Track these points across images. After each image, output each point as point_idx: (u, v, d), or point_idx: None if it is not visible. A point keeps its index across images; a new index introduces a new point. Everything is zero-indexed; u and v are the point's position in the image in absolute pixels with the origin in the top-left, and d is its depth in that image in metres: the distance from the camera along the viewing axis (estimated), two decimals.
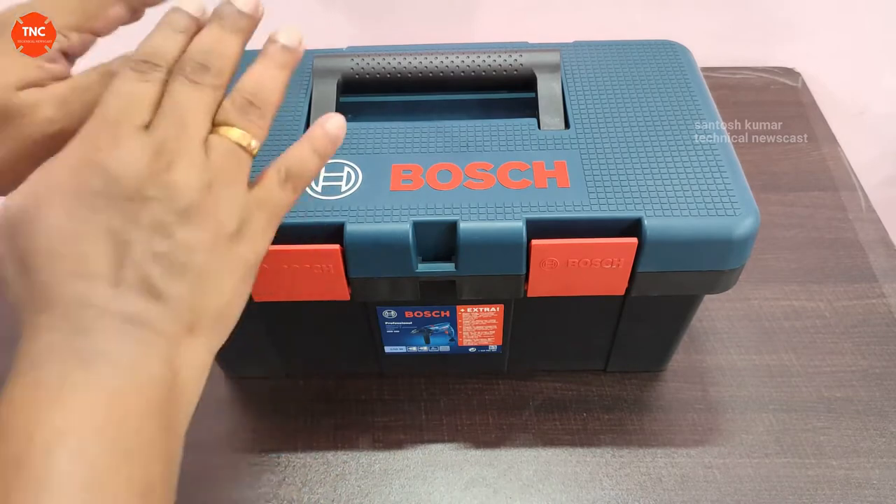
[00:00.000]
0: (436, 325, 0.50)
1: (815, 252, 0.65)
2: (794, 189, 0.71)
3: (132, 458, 0.22)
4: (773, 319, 0.60)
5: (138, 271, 0.24)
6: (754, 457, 0.51)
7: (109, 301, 0.23)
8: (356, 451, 0.52)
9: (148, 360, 0.23)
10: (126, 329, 0.23)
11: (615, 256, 0.42)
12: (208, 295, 0.25)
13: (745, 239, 0.41)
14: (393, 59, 0.49)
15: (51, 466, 0.20)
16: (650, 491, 0.50)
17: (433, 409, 0.55)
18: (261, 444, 0.53)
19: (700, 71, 0.52)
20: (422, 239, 0.42)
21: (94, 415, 0.21)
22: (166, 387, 0.24)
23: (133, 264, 0.24)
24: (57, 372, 0.22)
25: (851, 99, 0.88)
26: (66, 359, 0.22)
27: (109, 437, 0.21)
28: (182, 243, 0.25)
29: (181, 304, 0.25)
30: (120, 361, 0.23)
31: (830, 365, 0.56)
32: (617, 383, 0.56)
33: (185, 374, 0.25)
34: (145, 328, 0.24)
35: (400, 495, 0.50)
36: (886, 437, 0.52)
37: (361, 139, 0.47)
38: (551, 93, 0.49)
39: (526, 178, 0.43)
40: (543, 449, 0.52)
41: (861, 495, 0.49)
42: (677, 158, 0.45)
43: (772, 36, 0.83)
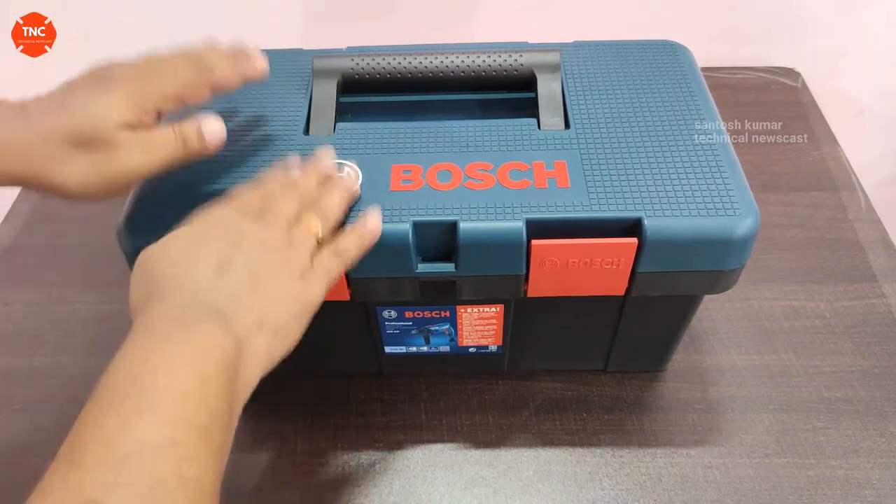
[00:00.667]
0: (436, 325, 0.50)
1: (815, 252, 0.65)
2: (794, 189, 0.71)
3: (207, 386, 0.30)
4: (773, 319, 0.60)
5: (231, 280, 0.34)
6: (754, 457, 0.51)
7: (209, 294, 0.33)
8: (356, 451, 0.52)
9: (225, 334, 0.32)
10: (214, 314, 0.32)
11: (615, 256, 0.42)
12: (274, 311, 0.35)
13: (745, 239, 0.41)
14: (393, 59, 0.49)
15: (154, 380, 0.29)
16: (650, 491, 0.50)
17: (433, 409, 0.55)
18: (261, 444, 0.53)
19: (700, 71, 0.52)
20: (422, 239, 0.42)
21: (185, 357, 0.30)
22: (234, 357, 0.32)
23: (229, 275, 0.34)
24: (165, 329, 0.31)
25: (851, 99, 0.88)
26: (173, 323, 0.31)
27: (193, 371, 0.30)
28: (265, 267, 0.35)
29: (254, 306, 0.34)
30: (206, 332, 0.31)
31: (830, 365, 0.56)
32: (617, 383, 0.56)
33: (247, 358, 0.33)
34: (227, 317, 0.33)
35: (400, 495, 0.50)
36: (886, 437, 0.52)
37: (361, 139, 0.47)
38: (551, 93, 0.49)
39: (526, 179, 0.43)
40: (543, 449, 0.52)
41: (861, 495, 0.49)
42: (677, 158, 0.45)
43: (772, 36, 0.83)
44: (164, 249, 0.35)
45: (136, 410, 0.28)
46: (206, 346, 0.31)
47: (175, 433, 0.28)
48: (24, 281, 0.65)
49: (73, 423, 0.28)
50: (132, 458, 0.27)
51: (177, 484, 0.27)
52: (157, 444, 0.28)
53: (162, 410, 0.28)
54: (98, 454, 0.27)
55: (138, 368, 0.29)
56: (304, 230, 0.38)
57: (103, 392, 0.29)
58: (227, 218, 0.36)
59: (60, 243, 0.69)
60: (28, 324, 0.62)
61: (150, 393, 0.29)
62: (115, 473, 0.26)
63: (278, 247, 0.36)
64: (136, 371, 0.29)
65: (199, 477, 0.28)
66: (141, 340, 0.31)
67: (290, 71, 0.53)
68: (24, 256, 0.68)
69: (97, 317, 0.62)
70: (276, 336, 0.35)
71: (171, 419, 0.28)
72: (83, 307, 0.63)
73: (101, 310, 0.63)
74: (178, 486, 0.27)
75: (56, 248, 0.69)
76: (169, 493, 0.27)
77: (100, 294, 0.64)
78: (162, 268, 0.34)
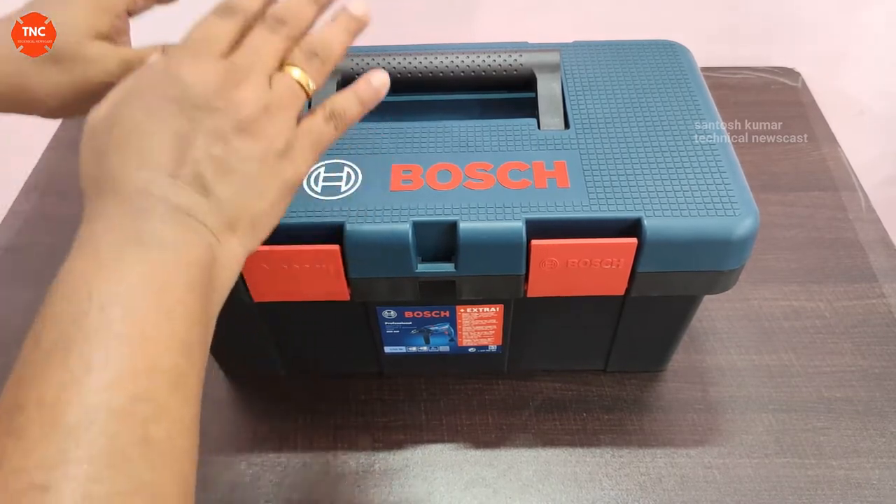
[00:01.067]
0: (436, 325, 0.50)
1: (815, 252, 0.65)
2: (794, 189, 0.71)
3: (174, 318, 0.25)
4: (773, 319, 0.60)
5: (194, 168, 0.28)
6: (754, 457, 0.51)
7: (166, 191, 0.27)
8: (356, 451, 0.52)
9: (192, 244, 0.27)
10: (177, 217, 0.27)
11: (615, 256, 0.42)
12: (250, 200, 0.29)
13: (745, 239, 0.41)
14: (393, 59, 0.49)
15: (104, 321, 0.24)
16: (650, 491, 0.50)
17: (433, 409, 0.55)
18: (261, 444, 0.53)
19: (700, 71, 0.52)
20: (422, 239, 0.42)
21: (144, 282, 0.25)
22: (206, 268, 0.27)
23: (191, 162, 0.28)
24: (114, 246, 0.26)
25: (851, 99, 0.88)
26: (123, 236, 0.26)
27: (155, 301, 0.25)
28: (236, 150, 0.29)
29: (226, 202, 0.28)
30: (168, 242, 0.26)
31: (830, 365, 0.56)
32: (617, 383, 0.56)
33: (222, 262, 0.28)
34: (193, 218, 0.27)
35: (400, 495, 0.50)
36: (886, 437, 0.52)
37: (361, 139, 0.47)
38: (551, 93, 0.49)
39: (526, 179, 0.43)
40: (543, 449, 0.52)
41: (861, 495, 0.49)
42: (677, 158, 0.45)
43: (772, 36, 0.83)
44: (112, 120, 0.29)
45: (84, 363, 0.23)
46: (170, 265, 0.26)
47: (136, 387, 0.23)
48: (25, 281, 0.65)
49: None
50: (83, 425, 0.22)
51: (141, 452, 0.23)
52: (114, 405, 0.23)
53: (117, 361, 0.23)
54: (41, 422, 0.22)
55: (83, 305, 0.24)
56: (288, 83, 0.31)
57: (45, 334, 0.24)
58: (189, 79, 0.29)
59: (60, 243, 0.69)
60: (28, 324, 0.62)
61: (99, 339, 0.23)
62: (63, 447, 0.22)
63: (253, 118, 0.29)
64: (79, 309, 0.24)
65: (169, 436, 0.24)
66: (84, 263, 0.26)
67: None
68: (24, 256, 0.68)
69: None
70: (253, 230, 0.30)
71: (129, 371, 0.23)
72: None
73: None
74: (144, 454, 0.23)
75: (56, 248, 0.68)
76: (133, 466, 0.22)
77: None
78: (108, 142, 0.28)
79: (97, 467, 0.22)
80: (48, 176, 0.76)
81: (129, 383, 0.23)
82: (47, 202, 0.73)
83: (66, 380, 0.23)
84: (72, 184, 0.76)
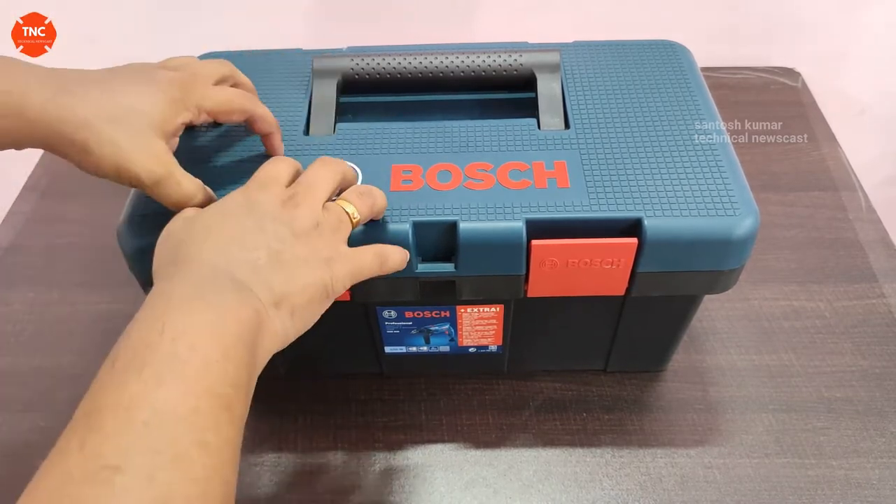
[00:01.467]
0: (436, 325, 0.50)
1: (815, 252, 0.65)
2: (794, 189, 0.71)
3: (227, 358, 0.30)
4: (773, 319, 0.60)
5: (256, 256, 0.34)
6: (754, 457, 0.51)
7: (231, 268, 0.33)
8: (356, 451, 0.52)
9: (244, 306, 0.32)
10: (236, 285, 0.33)
11: (615, 256, 0.42)
12: (294, 290, 0.34)
13: (745, 239, 0.41)
14: (393, 59, 0.49)
15: (173, 350, 0.29)
16: (650, 491, 0.50)
17: (433, 409, 0.55)
18: (261, 444, 0.53)
19: (700, 71, 0.52)
20: (422, 239, 0.42)
21: (207, 325, 0.30)
22: (254, 328, 0.32)
23: (251, 251, 0.34)
24: (183, 298, 0.31)
25: (851, 99, 0.88)
26: (192, 291, 0.31)
27: (214, 341, 0.30)
28: (289, 249, 0.35)
29: (275, 284, 0.34)
30: (227, 300, 0.32)
31: (830, 365, 0.56)
32: (617, 383, 0.56)
33: (265, 329, 0.33)
34: (246, 289, 0.33)
35: (400, 495, 0.50)
36: (886, 437, 0.52)
37: (361, 139, 0.47)
38: (551, 93, 0.49)
39: (526, 179, 0.43)
40: (543, 449, 0.52)
41: (861, 495, 0.49)
42: (677, 158, 0.45)
43: (772, 36, 0.83)
44: (190, 221, 0.35)
45: (156, 378, 0.28)
46: (227, 317, 0.31)
47: (197, 402, 0.28)
48: (25, 281, 0.65)
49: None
50: (153, 425, 0.26)
51: (199, 453, 0.27)
52: (179, 412, 0.27)
53: (183, 379, 0.28)
54: (118, 419, 0.26)
55: (155, 337, 0.29)
56: (339, 211, 0.38)
57: (121, 357, 0.28)
58: (255, 196, 0.36)
59: (60, 243, 0.69)
60: (28, 324, 0.62)
61: (170, 361, 0.28)
62: (135, 440, 0.26)
63: (307, 229, 0.36)
64: (153, 339, 0.29)
65: (220, 447, 0.28)
66: (158, 308, 0.31)
67: (290, 71, 0.53)
68: (24, 256, 0.68)
69: (98, 317, 0.62)
70: (293, 316, 0.35)
71: (192, 389, 0.28)
72: (83, 307, 0.63)
73: (102, 310, 0.63)
74: (200, 455, 0.27)
75: (56, 248, 0.69)
76: (191, 462, 0.27)
77: (100, 294, 0.64)
78: (186, 237, 0.35)
79: (163, 458, 0.26)
80: (48, 176, 0.76)
81: (192, 398, 0.28)
82: (47, 202, 0.73)
83: (139, 389, 0.27)
84: (72, 184, 0.76)
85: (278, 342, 0.34)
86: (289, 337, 0.35)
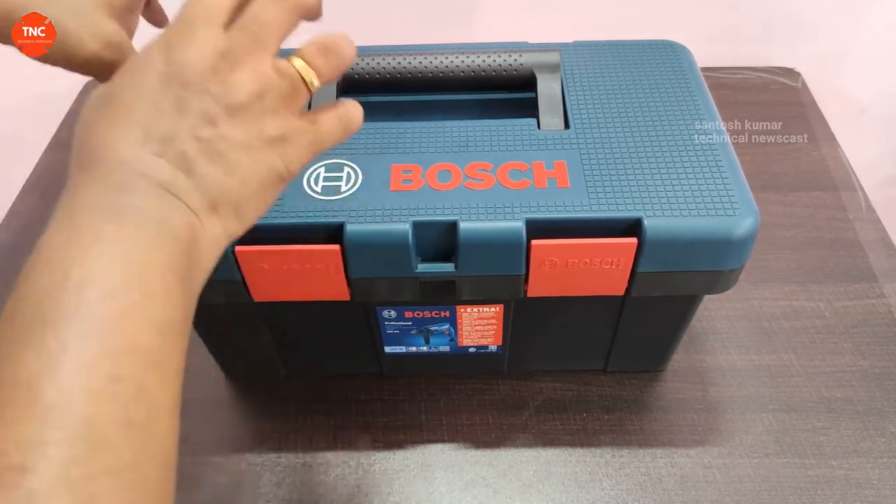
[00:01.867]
0: (436, 325, 0.50)
1: (815, 252, 0.65)
2: (794, 189, 0.71)
3: (153, 298, 0.25)
4: (773, 319, 0.60)
5: (179, 147, 0.27)
6: (754, 457, 0.51)
7: (148, 166, 0.27)
8: (356, 451, 0.52)
9: (172, 222, 0.26)
10: (158, 193, 0.26)
11: (615, 256, 0.42)
12: (233, 185, 0.28)
13: (745, 239, 0.41)
14: (393, 59, 0.49)
15: (81, 300, 0.23)
16: (650, 491, 0.50)
17: (433, 409, 0.55)
18: (261, 444, 0.53)
19: (700, 71, 0.52)
20: (422, 239, 0.42)
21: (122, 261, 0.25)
22: (186, 247, 0.27)
23: (176, 140, 0.27)
24: (93, 223, 0.25)
25: (851, 99, 0.88)
26: (103, 211, 0.25)
27: (134, 280, 0.24)
28: (223, 134, 0.28)
29: (208, 184, 0.28)
30: (149, 218, 0.26)
31: (830, 365, 0.56)
32: (617, 383, 0.56)
33: (203, 242, 0.28)
34: (174, 195, 0.27)
35: (400, 495, 0.50)
36: (886, 437, 0.52)
37: (361, 139, 0.47)
38: (551, 93, 0.49)
39: (526, 179, 0.43)
40: (543, 449, 0.52)
41: (861, 495, 0.49)
42: (677, 158, 0.45)
43: (772, 36, 0.83)
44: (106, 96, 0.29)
45: (59, 345, 0.22)
46: (150, 243, 0.25)
47: (113, 367, 0.23)
48: None
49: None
50: (60, 408, 0.21)
51: (123, 434, 0.22)
52: (91, 386, 0.22)
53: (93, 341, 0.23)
54: (16, 402, 0.21)
55: (59, 283, 0.23)
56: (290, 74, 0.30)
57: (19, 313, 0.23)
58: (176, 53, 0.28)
59: None
60: None
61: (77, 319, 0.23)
62: (39, 429, 0.21)
63: (243, 102, 0.28)
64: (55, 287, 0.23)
65: (149, 417, 0.24)
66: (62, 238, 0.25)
67: None
68: (24, 256, 0.68)
69: None
70: (238, 213, 0.29)
71: (106, 351, 0.23)
72: None
73: None
74: (125, 435, 0.23)
75: None
76: (113, 448, 0.22)
77: None
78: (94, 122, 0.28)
79: (76, 449, 0.21)
80: (48, 176, 0.76)
81: (107, 364, 0.23)
82: (47, 202, 0.73)
83: (42, 360, 0.22)
84: None
85: (221, 247, 0.29)
86: (235, 236, 0.30)
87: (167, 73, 0.28)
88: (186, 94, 0.28)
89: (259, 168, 0.29)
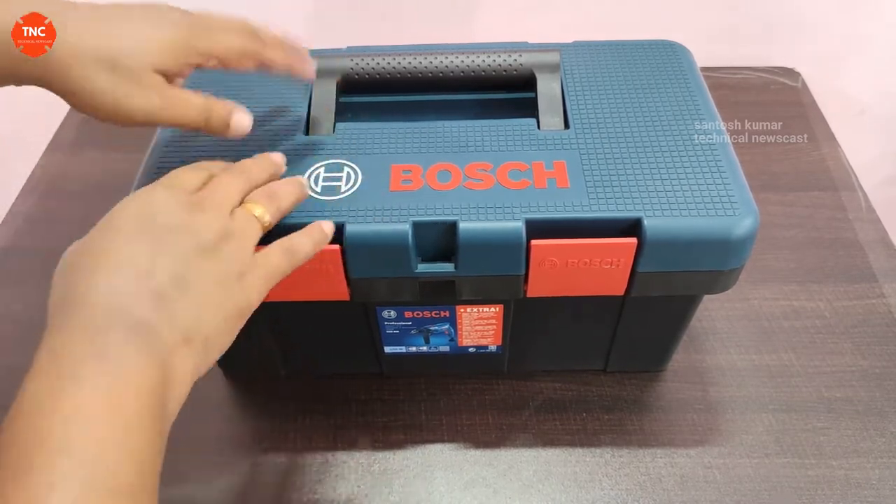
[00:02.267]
0: (435, 325, 0.50)
1: (815, 252, 0.65)
2: (794, 189, 0.71)
3: (131, 434, 0.27)
4: (773, 319, 0.60)
5: (157, 283, 0.30)
6: (754, 457, 0.51)
7: (128, 303, 0.29)
8: (356, 451, 0.52)
9: (148, 359, 0.29)
10: (137, 331, 0.29)
11: (615, 256, 0.42)
12: (205, 316, 0.31)
13: (745, 239, 0.41)
14: (393, 59, 0.49)
15: (68, 435, 0.25)
16: (650, 491, 0.50)
17: (433, 409, 0.55)
18: (261, 444, 0.53)
19: (700, 71, 0.52)
20: (421, 239, 0.42)
21: (103, 399, 0.27)
22: (160, 389, 0.29)
23: (154, 277, 0.30)
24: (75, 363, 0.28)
25: (851, 99, 0.88)
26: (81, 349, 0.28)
27: (113, 417, 0.27)
28: (195, 270, 0.32)
29: (183, 317, 0.31)
30: (125, 357, 0.28)
31: (830, 365, 0.56)
32: (617, 383, 0.56)
33: (174, 379, 0.30)
34: (151, 332, 0.29)
35: (400, 495, 0.50)
36: (886, 437, 0.52)
37: (361, 139, 0.47)
38: (551, 93, 0.49)
39: (525, 179, 0.43)
40: (543, 449, 0.52)
41: (861, 495, 0.49)
42: (677, 158, 0.45)
43: (772, 36, 0.83)
44: (85, 248, 0.32)
45: (46, 484, 0.24)
46: (127, 381, 0.28)
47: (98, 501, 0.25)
48: (25, 281, 0.65)
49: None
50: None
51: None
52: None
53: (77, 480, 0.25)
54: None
55: (46, 420, 0.26)
56: (247, 216, 0.35)
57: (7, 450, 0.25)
58: (158, 206, 0.33)
59: (60, 244, 0.69)
60: (28, 324, 0.62)
61: (61, 455, 0.25)
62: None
63: (213, 242, 0.32)
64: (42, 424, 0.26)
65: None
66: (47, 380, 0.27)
67: None
68: (24, 257, 0.68)
69: None
70: (206, 348, 0.32)
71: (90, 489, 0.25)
72: None
73: None
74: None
75: (56, 249, 0.68)
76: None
77: None
78: (76, 266, 0.31)
79: None
80: (48, 176, 0.76)
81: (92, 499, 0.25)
82: (47, 202, 0.73)
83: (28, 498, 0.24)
84: (72, 184, 0.76)
85: (191, 382, 0.32)
86: (203, 371, 0.32)
87: (144, 218, 0.32)
88: (162, 235, 0.32)
89: (225, 302, 0.32)
